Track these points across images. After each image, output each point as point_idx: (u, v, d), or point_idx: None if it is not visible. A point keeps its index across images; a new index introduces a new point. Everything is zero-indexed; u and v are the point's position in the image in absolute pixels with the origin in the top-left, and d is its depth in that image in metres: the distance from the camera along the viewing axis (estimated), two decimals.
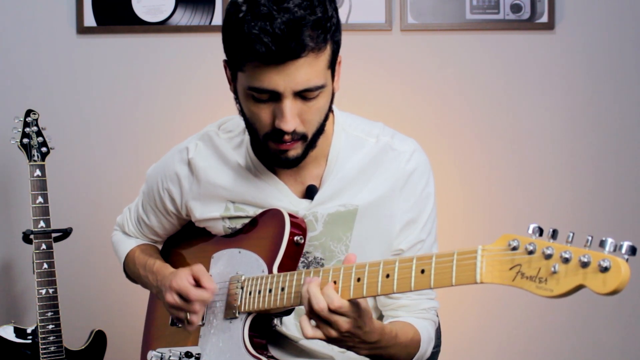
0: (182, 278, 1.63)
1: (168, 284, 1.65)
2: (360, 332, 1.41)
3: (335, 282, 1.40)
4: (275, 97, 1.46)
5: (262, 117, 1.50)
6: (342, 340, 1.43)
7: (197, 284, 1.62)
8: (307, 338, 1.43)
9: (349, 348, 1.46)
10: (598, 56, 2.98)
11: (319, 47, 1.44)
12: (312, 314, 1.40)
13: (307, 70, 1.43)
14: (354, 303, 1.39)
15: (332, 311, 1.38)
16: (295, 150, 1.53)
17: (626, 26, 2.97)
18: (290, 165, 1.58)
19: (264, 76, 1.43)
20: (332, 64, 1.51)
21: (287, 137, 1.50)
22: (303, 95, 1.47)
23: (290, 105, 1.46)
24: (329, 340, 1.43)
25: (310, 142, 1.54)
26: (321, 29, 1.43)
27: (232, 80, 1.56)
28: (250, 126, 1.55)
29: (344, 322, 1.39)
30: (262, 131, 1.52)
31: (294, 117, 1.47)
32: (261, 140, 1.54)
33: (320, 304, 1.38)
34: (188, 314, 1.63)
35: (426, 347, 1.64)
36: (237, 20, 1.43)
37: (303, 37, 1.40)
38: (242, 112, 1.57)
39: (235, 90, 1.57)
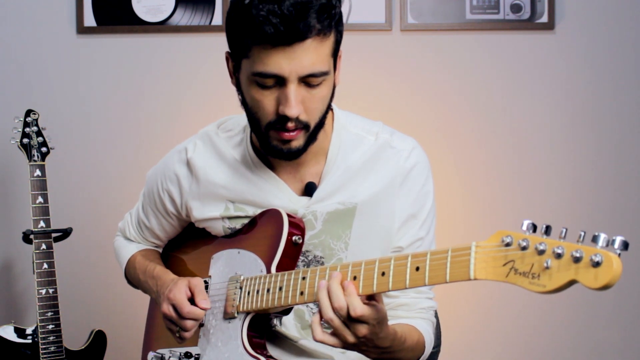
0: (180, 290, 1.62)
1: (166, 293, 1.65)
2: (375, 338, 1.39)
3: (355, 278, 1.37)
4: (280, 82, 1.46)
5: (266, 104, 1.50)
6: (356, 345, 1.39)
7: (193, 299, 1.61)
8: (315, 340, 1.39)
9: (359, 351, 1.44)
10: (598, 56, 2.98)
11: (324, 32, 1.45)
12: (333, 313, 1.36)
13: (312, 55, 1.45)
14: (374, 308, 1.36)
15: (352, 319, 1.35)
16: (298, 141, 1.53)
17: (626, 26, 2.97)
18: (291, 157, 1.57)
19: (270, 60, 1.44)
20: (335, 53, 1.52)
21: (290, 125, 1.49)
22: (307, 81, 1.47)
23: (295, 91, 1.46)
24: (345, 346, 1.39)
25: (311, 133, 1.54)
26: (327, 14, 1.45)
27: (235, 72, 1.56)
28: (252, 116, 1.54)
29: (362, 328, 1.36)
30: (265, 120, 1.52)
31: (298, 103, 1.47)
32: (263, 131, 1.54)
33: (340, 303, 1.35)
34: (180, 328, 1.63)
35: (429, 349, 1.64)
36: (244, 6, 1.45)
37: (310, 19, 1.42)
38: (244, 103, 1.57)
39: (237, 83, 1.57)
